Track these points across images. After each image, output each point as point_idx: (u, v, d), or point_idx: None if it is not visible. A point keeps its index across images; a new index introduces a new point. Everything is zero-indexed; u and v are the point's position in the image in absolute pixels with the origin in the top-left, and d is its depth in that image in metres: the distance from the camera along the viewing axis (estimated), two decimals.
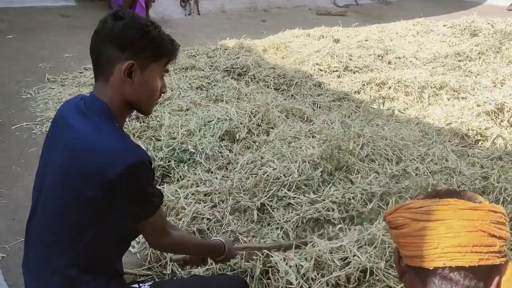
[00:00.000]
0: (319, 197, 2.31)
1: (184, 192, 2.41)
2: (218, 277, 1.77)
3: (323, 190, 2.38)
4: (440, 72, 4.61)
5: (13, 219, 2.39)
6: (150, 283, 1.44)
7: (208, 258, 1.66)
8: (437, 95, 4.01)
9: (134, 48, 1.21)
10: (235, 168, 2.59)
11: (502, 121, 3.51)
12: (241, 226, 2.22)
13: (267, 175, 2.42)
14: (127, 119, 1.51)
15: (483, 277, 0.83)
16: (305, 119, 3.39)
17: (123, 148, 1.19)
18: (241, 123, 3.02)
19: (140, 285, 1.43)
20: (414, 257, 0.87)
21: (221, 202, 2.35)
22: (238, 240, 2.12)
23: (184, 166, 2.66)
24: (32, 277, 1.30)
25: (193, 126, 2.98)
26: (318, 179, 2.44)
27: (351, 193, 2.35)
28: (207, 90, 3.78)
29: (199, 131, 2.94)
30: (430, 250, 0.83)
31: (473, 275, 0.82)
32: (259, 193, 2.37)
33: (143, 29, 1.21)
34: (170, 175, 2.63)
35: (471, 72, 4.69)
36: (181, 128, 2.97)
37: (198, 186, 2.48)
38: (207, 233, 2.18)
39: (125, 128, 2.78)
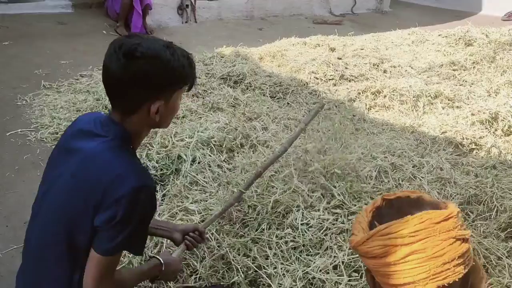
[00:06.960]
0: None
1: (172, 202, 2.41)
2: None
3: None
4: (435, 81, 4.63)
5: (6, 226, 2.38)
6: None
7: None
8: (432, 104, 4.04)
9: (160, 86, 1.19)
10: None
11: (496, 130, 3.53)
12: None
13: None
14: None
15: (468, 277, 0.84)
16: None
17: (131, 170, 1.18)
18: (236, 131, 3.01)
19: None
20: (402, 285, 0.83)
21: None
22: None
23: (177, 175, 2.65)
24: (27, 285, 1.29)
25: (187, 134, 2.98)
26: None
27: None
28: (203, 98, 3.79)
29: (193, 139, 2.93)
30: (422, 274, 0.80)
31: (464, 282, 0.83)
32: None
33: (165, 64, 1.16)
34: (163, 183, 2.63)
35: (465, 81, 4.72)
36: (175, 137, 2.96)
37: (189, 195, 2.47)
38: None
39: None
